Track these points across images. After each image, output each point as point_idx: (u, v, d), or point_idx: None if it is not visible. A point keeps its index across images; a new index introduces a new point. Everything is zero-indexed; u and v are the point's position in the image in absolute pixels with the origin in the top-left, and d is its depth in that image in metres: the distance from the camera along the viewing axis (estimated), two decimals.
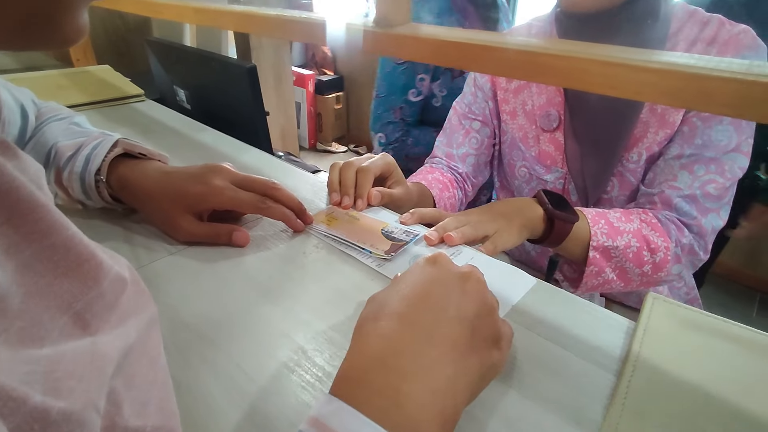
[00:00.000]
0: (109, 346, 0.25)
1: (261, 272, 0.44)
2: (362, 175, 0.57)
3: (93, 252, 0.26)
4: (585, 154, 0.68)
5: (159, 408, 0.27)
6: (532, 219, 0.57)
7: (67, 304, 0.24)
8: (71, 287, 0.24)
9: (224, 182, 0.47)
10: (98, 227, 0.51)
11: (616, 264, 0.60)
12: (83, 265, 0.25)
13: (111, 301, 0.28)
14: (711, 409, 0.30)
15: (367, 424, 0.20)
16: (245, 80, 0.80)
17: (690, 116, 0.60)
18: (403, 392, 0.22)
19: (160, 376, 0.29)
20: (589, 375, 0.34)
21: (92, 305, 0.26)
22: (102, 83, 1.03)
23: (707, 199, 0.60)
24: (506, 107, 0.76)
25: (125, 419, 0.24)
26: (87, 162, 0.48)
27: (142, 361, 0.29)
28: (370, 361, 0.23)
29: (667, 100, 0.30)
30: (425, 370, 0.23)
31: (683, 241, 0.60)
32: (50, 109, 0.57)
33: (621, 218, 0.60)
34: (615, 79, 0.31)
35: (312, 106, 3.15)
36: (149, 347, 0.31)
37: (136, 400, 0.26)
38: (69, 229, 0.25)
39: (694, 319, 0.38)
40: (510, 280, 0.44)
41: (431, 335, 0.25)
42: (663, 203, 0.62)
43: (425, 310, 0.26)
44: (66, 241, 0.24)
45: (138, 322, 0.30)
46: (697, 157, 0.60)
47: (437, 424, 0.22)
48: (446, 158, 0.81)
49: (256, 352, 0.35)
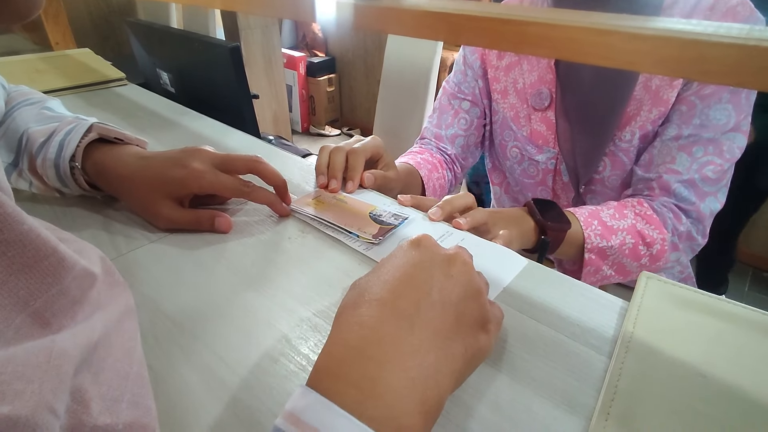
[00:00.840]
0: (69, 342, 0.23)
1: (244, 259, 0.43)
2: (353, 157, 0.56)
3: (54, 248, 0.25)
4: (577, 133, 0.66)
5: (133, 403, 0.26)
6: (525, 232, 0.56)
7: (23, 303, 0.22)
8: (28, 284, 0.23)
9: (204, 165, 0.45)
10: (77, 215, 0.49)
11: (613, 261, 0.59)
12: (42, 262, 0.24)
13: (76, 296, 0.27)
14: (706, 388, 0.30)
15: (343, 416, 0.19)
16: (228, 61, 0.78)
17: (688, 95, 0.58)
18: (381, 383, 0.21)
19: (134, 370, 0.28)
20: (582, 357, 0.33)
21: (52, 303, 0.24)
22: (82, 67, 0.99)
23: (706, 182, 0.59)
24: (497, 86, 0.74)
25: (93, 417, 0.23)
26: (61, 148, 0.46)
27: (115, 354, 0.28)
28: (348, 350, 0.22)
29: (662, 69, 0.28)
30: (405, 358, 0.22)
31: (680, 229, 0.59)
32: (20, 94, 0.55)
33: (614, 215, 0.59)
34: (607, 49, 0.30)
35: (304, 88, 3.10)
36: (123, 339, 0.29)
37: (106, 397, 0.25)
38: (24, 224, 0.23)
39: (688, 297, 0.37)
40: (501, 262, 0.43)
41: (412, 322, 0.24)
42: (662, 189, 0.61)
43: (407, 296, 0.25)
44: (21, 236, 0.23)
45: (107, 314, 0.29)
46: (696, 138, 0.58)
47: (419, 413, 0.21)
48: (435, 139, 0.79)
49: (238, 341, 0.34)
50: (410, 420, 0.21)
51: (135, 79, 0.99)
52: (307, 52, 3.15)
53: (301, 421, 0.19)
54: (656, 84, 0.59)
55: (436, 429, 0.28)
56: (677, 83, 0.58)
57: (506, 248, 0.45)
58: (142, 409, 0.26)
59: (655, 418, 0.28)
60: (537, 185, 0.76)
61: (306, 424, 0.19)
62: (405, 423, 0.20)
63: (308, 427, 0.19)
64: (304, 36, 3.23)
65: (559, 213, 0.57)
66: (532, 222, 0.56)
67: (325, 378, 0.21)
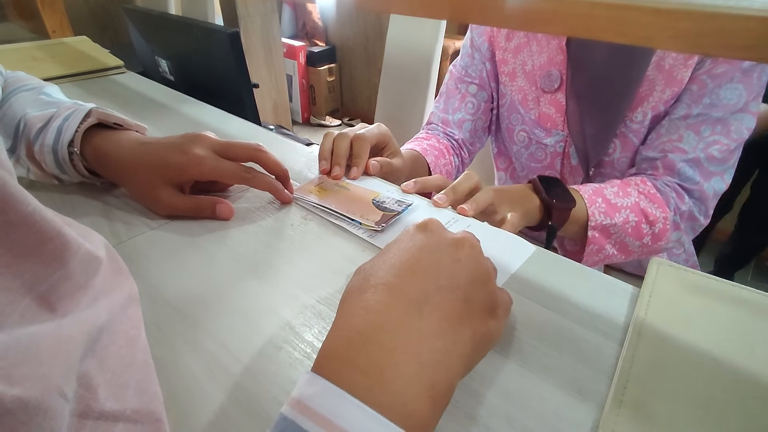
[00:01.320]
0: (75, 329, 0.23)
1: (246, 246, 0.42)
2: (358, 143, 0.54)
3: (59, 230, 0.24)
4: (587, 114, 0.64)
5: (139, 390, 0.25)
6: (530, 210, 0.55)
7: (28, 286, 0.22)
8: (33, 268, 0.22)
9: (205, 151, 0.44)
10: (76, 202, 0.48)
11: (616, 240, 0.59)
12: (47, 245, 0.23)
13: (81, 281, 0.26)
14: (721, 374, 0.29)
15: (354, 404, 0.18)
16: (227, 47, 0.76)
17: (699, 73, 0.57)
18: (389, 368, 0.20)
19: (139, 357, 0.28)
20: (593, 344, 0.32)
21: (58, 287, 0.24)
22: (79, 55, 0.98)
23: (711, 162, 0.58)
24: (505, 68, 0.72)
25: (101, 403, 0.22)
26: (59, 134, 0.45)
27: (118, 342, 0.27)
28: (354, 335, 0.21)
29: (679, 45, 0.27)
30: (413, 343, 0.21)
31: (682, 208, 0.59)
32: (17, 79, 0.54)
33: (618, 193, 0.59)
34: (622, 24, 0.28)
35: (304, 78, 3.07)
36: (127, 327, 0.29)
37: (112, 383, 0.24)
38: (29, 206, 0.22)
39: (701, 283, 0.36)
40: (508, 248, 0.42)
41: (420, 306, 0.23)
42: (666, 168, 0.60)
43: (414, 280, 0.24)
44: (25, 218, 0.22)
45: (111, 301, 0.28)
46: (705, 117, 0.57)
47: (428, 399, 0.20)
48: (442, 124, 0.78)
49: (241, 329, 0.33)
50: (419, 405, 0.20)
51: (134, 69, 0.98)
52: (306, 42, 3.11)
53: (309, 409, 0.18)
54: (670, 64, 0.58)
55: (446, 417, 0.27)
56: (691, 62, 0.57)
57: (514, 235, 0.44)
58: (149, 396, 0.25)
59: (669, 405, 0.27)
60: (544, 169, 0.75)
61: (315, 413, 0.18)
62: (414, 408, 0.20)
63: (317, 415, 0.18)
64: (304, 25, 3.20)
65: (564, 190, 0.56)
66: (537, 200, 0.56)
67: (331, 363, 0.21)
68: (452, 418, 0.27)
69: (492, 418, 0.27)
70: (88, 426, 0.21)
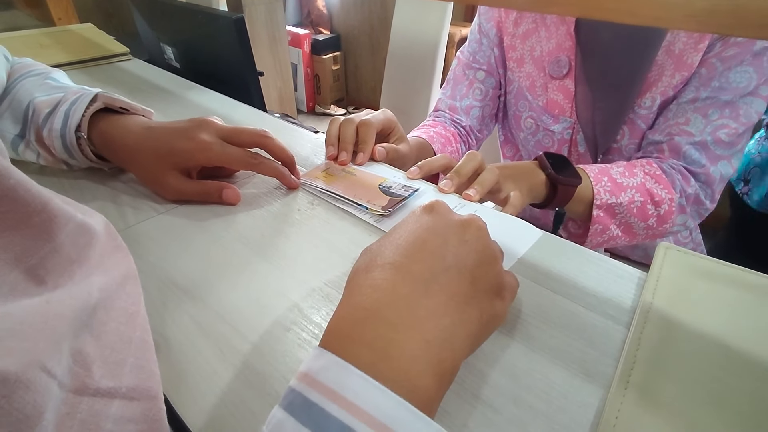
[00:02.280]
0: (65, 304, 0.23)
1: (254, 230, 0.42)
2: (364, 129, 0.54)
3: (45, 203, 0.24)
4: (597, 100, 0.64)
5: (136, 367, 0.25)
6: (536, 185, 0.55)
7: (15, 259, 0.22)
8: (21, 241, 0.22)
9: (212, 137, 0.44)
10: (84, 187, 0.49)
11: (621, 220, 0.58)
12: (32, 218, 0.23)
13: (71, 254, 0.26)
14: (727, 358, 0.29)
15: (359, 376, 0.19)
16: (233, 33, 0.76)
17: (709, 57, 0.56)
18: (395, 344, 0.20)
19: (137, 334, 0.28)
20: (599, 327, 0.32)
21: (46, 261, 0.23)
22: (85, 41, 0.98)
23: (718, 145, 0.57)
24: (513, 54, 0.72)
25: (96, 380, 0.22)
26: (66, 118, 0.45)
27: (117, 318, 0.27)
28: (361, 312, 0.22)
29: (692, 24, 0.27)
30: (419, 320, 0.21)
31: (688, 191, 0.58)
32: (24, 65, 0.54)
33: (624, 173, 0.58)
34: (633, 3, 0.28)
35: (309, 67, 3.06)
36: (126, 304, 0.29)
37: (109, 360, 0.24)
38: (11, 178, 0.22)
39: (708, 267, 0.36)
40: (515, 233, 0.42)
41: (427, 285, 0.23)
42: (671, 151, 0.60)
43: (421, 259, 0.24)
44: (8, 191, 0.22)
45: (108, 278, 0.28)
46: (713, 101, 0.57)
47: (433, 375, 0.21)
48: (449, 111, 0.77)
49: (250, 311, 0.33)
50: (424, 381, 0.20)
51: (139, 56, 0.98)
52: (311, 30, 3.09)
53: (316, 381, 0.19)
54: (680, 48, 0.57)
55: (452, 397, 0.27)
56: (702, 46, 0.56)
57: (521, 220, 0.44)
58: (146, 373, 0.25)
59: (675, 387, 0.27)
60: None
61: (322, 384, 0.18)
62: (419, 384, 0.20)
63: (324, 387, 0.18)
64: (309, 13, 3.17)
65: (570, 168, 0.56)
66: (543, 175, 0.55)
67: (338, 339, 0.21)
68: (458, 397, 0.27)
69: (498, 398, 0.27)
70: (85, 402, 0.21)
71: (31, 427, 0.17)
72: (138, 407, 0.23)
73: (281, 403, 0.19)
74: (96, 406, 0.21)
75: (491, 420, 0.26)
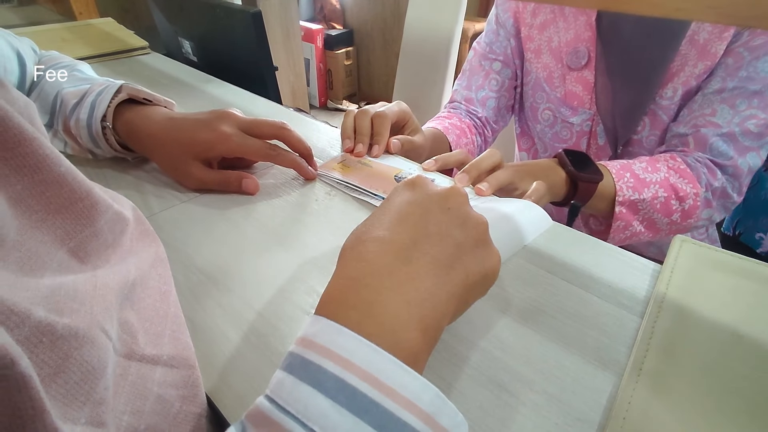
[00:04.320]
0: (109, 278, 0.25)
1: (273, 219, 0.43)
2: (379, 121, 0.55)
3: (88, 191, 0.26)
4: (617, 91, 0.63)
5: (173, 339, 0.27)
6: (556, 183, 0.54)
7: (60, 240, 0.24)
8: (64, 224, 0.24)
9: (232, 128, 0.46)
10: (109, 176, 0.50)
11: (644, 216, 0.58)
12: (77, 204, 0.25)
13: (108, 240, 0.28)
14: (741, 349, 0.29)
15: (352, 336, 0.20)
16: (251, 27, 0.77)
17: (736, 46, 0.55)
18: (378, 305, 0.22)
19: (172, 310, 0.30)
20: (613, 316, 0.33)
21: (86, 244, 0.25)
22: (106, 36, 1.00)
23: (747, 137, 0.56)
24: (530, 45, 0.71)
25: (141, 347, 0.24)
26: (92, 108, 0.46)
27: (153, 296, 0.29)
28: (348, 281, 0.24)
29: (714, 15, 0.27)
30: (399, 284, 0.23)
31: (714, 185, 0.57)
32: (51, 58, 0.55)
33: (647, 168, 0.57)
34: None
35: (321, 62, 3.06)
36: (159, 283, 0.31)
37: (149, 332, 0.26)
38: (61, 166, 0.24)
39: (724, 260, 0.36)
40: (527, 217, 0.42)
41: (409, 253, 0.25)
42: (697, 144, 0.58)
43: (403, 231, 0.26)
44: (58, 178, 0.24)
45: (140, 260, 0.30)
46: (741, 91, 0.55)
47: (416, 330, 0.22)
48: (465, 102, 0.77)
49: (271, 295, 0.34)
50: (408, 335, 0.22)
51: (157, 51, 1.00)
52: (324, 25, 3.10)
53: (314, 344, 0.20)
54: (704, 38, 0.56)
55: (467, 380, 0.28)
56: (727, 35, 0.55)
57: (535, 205, 0.44)
58: (183, 344, 0.27)
59: (688, 376, 0.28)
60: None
61: (318, 345, 0.20)
62: (403, 337, 0.21)
63: (320, 347, 0.20)
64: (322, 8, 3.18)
65: (591, 164, 0.55)
66: (563, 173, 0.55)
67: (328, 305, 0.23)
68: (473, 380, 0.28)
69: (513, 382, 0.28)
70: (133, 366, 0.23)
71: (98, 379, 0.19)
72: (178, 374, 0.25)
73: (281, 365, 0.21)
74: (143, 370, 0.23)
75: (506, 402, 0.27)
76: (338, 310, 0.22)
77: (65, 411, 0.17)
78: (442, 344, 0.31)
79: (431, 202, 0.28)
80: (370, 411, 0.18)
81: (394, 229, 0.26)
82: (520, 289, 0.35)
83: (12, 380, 0.14)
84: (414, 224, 0.26)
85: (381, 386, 0.19)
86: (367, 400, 0.18)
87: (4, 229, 0.20)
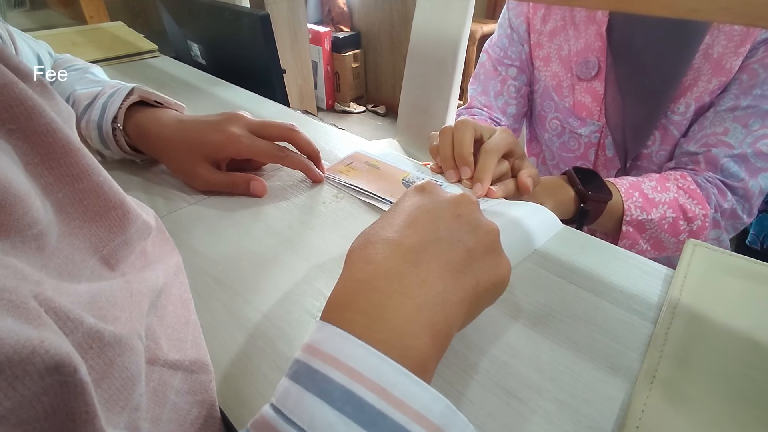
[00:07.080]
0: (142, 285, 0.25)
1: (281, 222, 0.43)
2: (485, 156, 0.46)
3: (122, 200, 0.26)
4: (628, 104, 0.62)
5: (195, 344, 0.28)
6: (564, 201, 0.53)
7: (94, 248, 0.24)
8: (99, 232, 0.25)
9: (241, 130, 0.46)
10: (117, 178, 0.49)
11: (651, 235, 0.57)
12: (111, 212, 0.26)
13: (136, 248, 0.28)
14: (755, 354, 0.29)
15: (359, 345, 0.20)
16: (258, 30, 0.77)
17: (751, 62, 0.54)
18: (387, 309, 0.21)
19: (192, 317, 0.30)
20: (625, 322, 0.32)
21: (117, 251, 0.26)
22: (116, 39, 1.01)
23: (759, 158, 0.55)
24: (539, 52, 0.71)
25: (164, 353, 0.25)
26: (104, 110, 0.47)
27: (174, 303, 0.30)
28: (355, 284, 0.23)
29: (729, 16, 0.26)
30: (409, 287, 0.22)
31: (724, 206, 0.56)
32: (65, 61, 0.56)
33: (656, 187, 0.56)
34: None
35: (329, 65, 3.08)
36: (180, 291, 0.31)
37: (172, 337, 0.26)
38: (100, 175, 0.25)
39: (737, 264, 0.35)
40: (537, 221, 0.42)
41: (419, 257, 0.24)
42: (708, 164, 0.57)
43: (412, 234, 0.25)
44: (96, 187, 0.24)
45: (166, 267, 0.31)
46: (755, 110, 0.54)
47: (426, 336, 0.21)
48: (486, 109, 0.76)
49: (278, 298, 0.34)
50: (417, 341, 0.21)
51: (166, 54, 1.00)
52: (332, 27, 3.11)
53: (319, 351, 0.20)
54: (719, 51, 0.55)
55: (477, 387, 0.28)
56: (743, 50, 0.53)
57: (546, 209, 0.44)
58: (203, 351, 0.27)
59: (702, 383, 0.27)
60: (576, 159, 0.73)
61: (324, 353, 0.20)
62: (412, 344, 0.21)
63: (326, 355, 0.19)
64: (329, 10, 3.19)
65: (600, 183, 0.54)
66: (572, 191, 0.54)
67: (335, 309, 0.22)
68: (483, 387, 0.28)
69: (523, 389, 0.28)
70: (156, 371, 0.23)
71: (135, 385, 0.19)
72: (197, 379, 0.25)
73: (287, 373, 0.20)
74: (164, 376, 0.23)
75: (516, 410, 0.27)
76: (345, 313, 0.22)
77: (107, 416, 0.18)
78: (450, 350, 0.30)
79: (442, 207, 0.27)
80: (378, 423, 0.18)
81: (403, 231, 0.25)
82: (530, 294, 0.35)
83: (71, 386, 0.14)
84: (424, 228, 0.26)
85: (389, 398, 0.18)
86: (374, 412, 0.18)
87: (48, 235, 0.20)
